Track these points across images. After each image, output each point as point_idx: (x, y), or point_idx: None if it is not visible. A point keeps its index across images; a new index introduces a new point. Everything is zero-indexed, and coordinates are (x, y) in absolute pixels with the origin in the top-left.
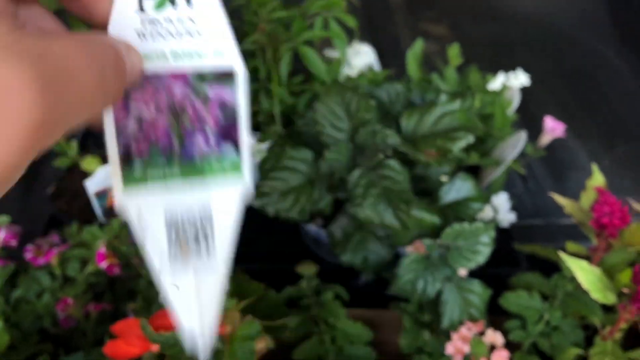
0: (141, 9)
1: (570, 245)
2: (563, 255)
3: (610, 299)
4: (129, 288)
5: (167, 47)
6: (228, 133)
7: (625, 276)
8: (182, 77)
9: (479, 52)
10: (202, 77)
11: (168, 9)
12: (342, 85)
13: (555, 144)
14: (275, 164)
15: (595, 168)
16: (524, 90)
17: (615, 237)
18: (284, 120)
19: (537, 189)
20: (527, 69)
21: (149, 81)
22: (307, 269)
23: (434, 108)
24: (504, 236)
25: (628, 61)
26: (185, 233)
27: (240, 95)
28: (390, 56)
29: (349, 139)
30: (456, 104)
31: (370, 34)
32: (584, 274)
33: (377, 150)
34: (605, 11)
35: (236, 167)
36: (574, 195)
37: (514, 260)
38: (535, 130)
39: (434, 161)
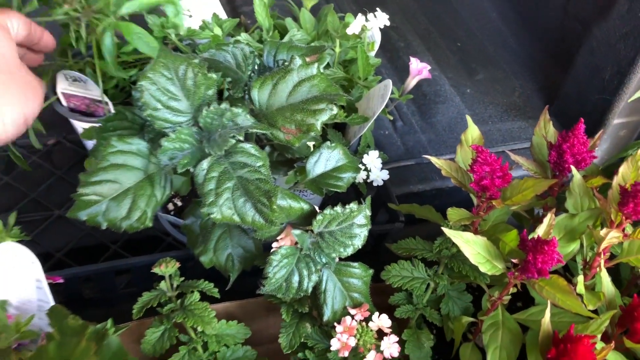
0: None
1: (452, 213)
2: (446, 230)
3: (498, 268)
4: None
5: None
6: None
7: (509, 239)
8: None
9: None
10: None
11: None
12: (173, 57)
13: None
14: (99, 162)
15: (469, 119)
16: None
17: (497, 197)
18: (125, 97)
19: (406, 128)
20: None
21: None
22: (167, 269)
23: (288, 74)
24: (380, 191)
25: None
26: None
27: None
28: None
29: (191, 122)
30: (313, 68)
31: None
32: (469, 246)
33: (227, 134)
34: None
35: None
36: (443, 130)
37: (392, 216)
38: (398, 64)
39: (295, 139)
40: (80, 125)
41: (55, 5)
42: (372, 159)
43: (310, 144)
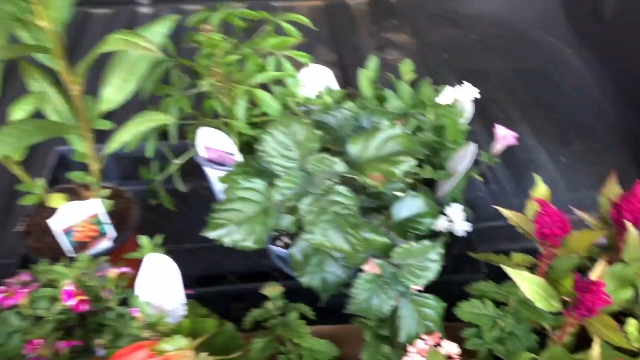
0: None
1: (516, 256)
2: (507, 269)
3: (555, 306)
4: (101, 321)
5: None
6: None
7: (568, 283)
8: None
9: (439, 57)
10: None
11: None
12: (288, 117)
13: (515, 145)
14: (229, 195)
15: (537, 178)
16: (486, 93)
17: (558, 246)
18: (249, 149)
19: (499, 192)
20: (487, 71)
21: None
22: (273, 291)
23: (377, 133)
24: (465, 242)
25: (583, 59)
26: None
27: None
28: (355, 66)
29: (298, 167)
30: (397, 129)
31: (333, 44)
32: (527, 283)
33: (326, 177)
34: (560, 11)
35: None
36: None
37: (476, 265)
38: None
39: (380, 184)
40: (213, 173)
41: (203, 77)
42: (455, 211)
43: (398, 193)
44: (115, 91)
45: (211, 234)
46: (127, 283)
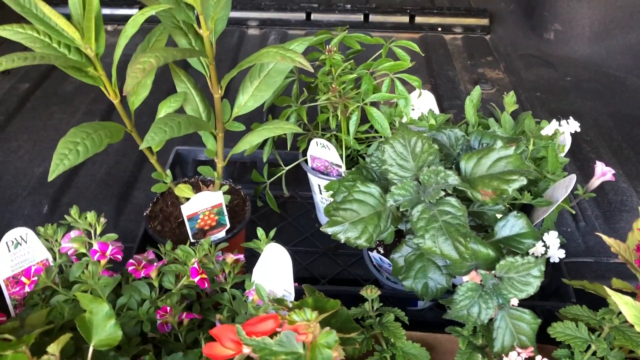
0: None
1: (616, 282)
2: (609, 291)
3: None
4: (214, 301)
5: None
6: None
7: None
8: None
9: (532, 95)
10: None
11: None
12: (408, 130)
13: (607, 186)
14: (346, 196)
15: None
16: (579, 133)
17: None
18: (350, 162)
19: (589, 228)
20: (580, 112)
21: None
22: (370, 293)
23: (490, 152)
24: (554, 271)
25: None
26: None
27: None
28: (450, 97)
29: (413, 177)
30: (511, 150)
31: (428, 74)
32: (629, 309)
33: (439, 189)
34: None
35: None
36: (624, 236)
37: (564, 294)
38: (587, 171)
39: (490, 200)
40: (317, 182)
41: (320, 93)
42: (552, 237)
43: (499, 216)
44: (251, 99)
45: (329, 230)
46: (239, 269)
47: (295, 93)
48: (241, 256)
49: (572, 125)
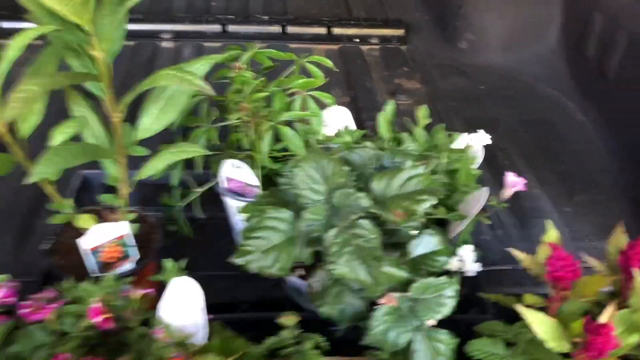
0: None
1: (528, 297)
2: (520, 309)
3: (565, 347)
4: (122, 341)
5: None
6: None
7: (578, 325)
8: None
9: (448, 104)
10: None
11: None
12: (319, 153)
13: (520, 192)
14: (257, 222)
15: (549, 224)
16: (493, 140)
17: (569, 289)
18: (267, 181)
19: (505, 237)
20: (494, 120)
21: None
22: (289, 320)
23: (401, 172)
24: (472, 284)
25: (586, 112)
26: None
27: None
28: (368, 108)
29: (325, 200)
30: (420, 169)
31: (347, 86)
32: (540, 324)
33: (351, 211)
34: (564, 65)
35: None
36: (539, 242)
37: (482, 306)
38: (502, 179)
39: (402, 220)
40: (233, 204)
41: (232, 112)
42: (467, 251)
43: (414, 232)
44: (153, 121)
45: (239, 260)
46: (149, 305)
47: (205, 112)
48: (151, 290)
49: (483, 138)
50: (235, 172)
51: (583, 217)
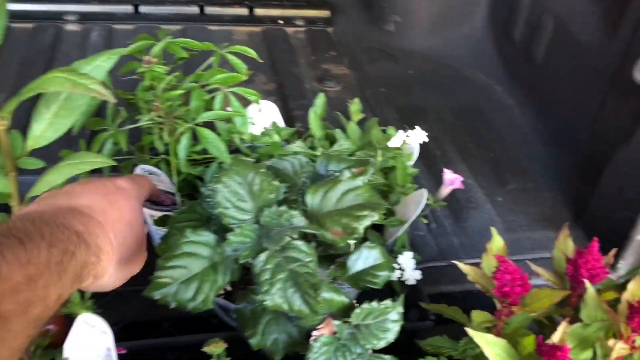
0: None
1: (477, 315)
2: (470, 331)
3: None
4: None
5: None
6: None
7: (527, 342)
8: None
9: (378, 91)
10: None
11: None
12: (243, 165)
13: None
14: (174, 251)
15: (494, 231)
16: (423, 128)
17: (517, 304)
18: (187, 185)
19: (440, 231)
20: (424, 107)
21: None
22: (215, 349)
23: (337, 184)
24: (411, 290)
25: (515, 98)
26: None
27: None
28: (296, 96)
29: (253, 220)
30: (359, 181)
31: (272, 72)
32: (491, 347)
33: (283, 232)
34: (492, 49)
35: None
36: (474, 234)
37: (423, 313)
38: (434, 170)
39: (341, 239)
40: (149, 212)
41: (144, 112)
42: (407, 259)
43: (351, 242)
44: (47, 128)
45: (155, 294)
46: (50, 341)
47: (111, 113)
48: (51, 326)
49: (419, 135)
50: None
51: (516, 207)
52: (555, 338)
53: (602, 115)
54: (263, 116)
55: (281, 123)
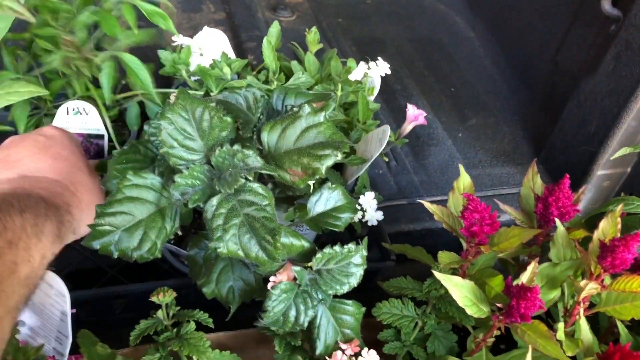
0: None
1: (443, 256)
2: (438, 275)
3: (484, 311)
4: None
5: None
6: None
7: (495, 283)
8: None
9: (335, 22)
10: None
11: None
12: (190, 99)
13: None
14: (114, 195)
15: (461, 168)
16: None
17: (485, 243)
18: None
19: (399, 168)
20: (383, 39)
21: None
22: (164, 298)
23: (297, 120)
24: (374, 229)
25: (475, 30)
26: None
27: None
28: (247, 27)
29: (203, 160)
30: (320, 116)
31: (224, 2)
32: (458, 289)
33: (237, 173)
34: None
35: None
36: (434, 171)
37: (384, 253)
38: (394, 105)
39: (301, 181)
40: None
41: (47, 53)
42: (369, 199)
43: (311, 182)
44: None
45: (95, 244)
46: None
47: (10, 60)
48: None
49: (381, 68)
50: (74, 121)
51: (476, 143)
52: (524, 278)
53: (564, 47)
54: (212, 46)
55: (232, 55)
